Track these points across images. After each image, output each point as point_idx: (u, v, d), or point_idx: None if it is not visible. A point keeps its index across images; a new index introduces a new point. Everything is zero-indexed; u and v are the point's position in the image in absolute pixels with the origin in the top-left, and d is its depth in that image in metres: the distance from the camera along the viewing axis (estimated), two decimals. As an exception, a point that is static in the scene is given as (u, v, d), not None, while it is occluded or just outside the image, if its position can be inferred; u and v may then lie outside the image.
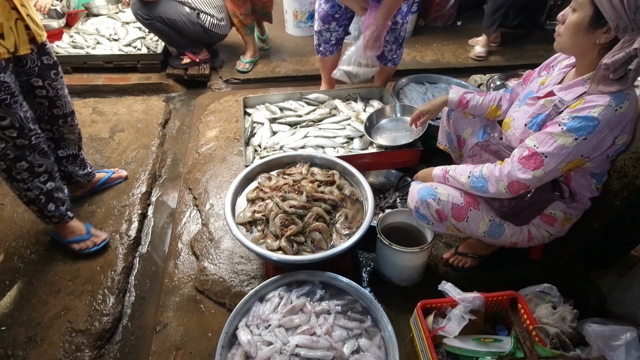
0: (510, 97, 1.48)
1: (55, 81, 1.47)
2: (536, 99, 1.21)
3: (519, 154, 1.13)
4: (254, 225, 1.42)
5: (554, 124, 1.07)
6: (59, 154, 1.67)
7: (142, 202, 1.93)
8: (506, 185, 1.15)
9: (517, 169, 1.12)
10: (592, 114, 1.01)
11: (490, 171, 1.20)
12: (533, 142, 1.10)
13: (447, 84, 2.45)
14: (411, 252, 1.39)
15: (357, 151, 1.88)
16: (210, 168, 2.11)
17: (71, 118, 1.62)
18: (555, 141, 1.06)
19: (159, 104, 2.61)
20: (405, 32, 2.09)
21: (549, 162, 1.08)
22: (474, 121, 1.59)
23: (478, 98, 1.51)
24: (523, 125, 1.20)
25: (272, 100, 2.20)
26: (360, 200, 1.53)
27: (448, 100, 1.54)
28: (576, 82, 1.10)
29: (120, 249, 1.70)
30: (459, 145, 1.69)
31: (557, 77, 1.21)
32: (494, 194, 1.20)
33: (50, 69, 1.44)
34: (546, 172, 1.09)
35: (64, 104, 1.55)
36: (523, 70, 3.26)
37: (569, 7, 1.05)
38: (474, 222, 1.30)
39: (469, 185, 1.25)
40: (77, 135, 1.68)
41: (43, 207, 1.49)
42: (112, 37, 2.92)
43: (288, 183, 1.52)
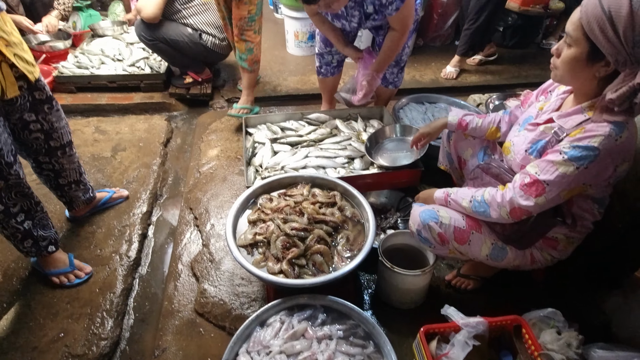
0: (509, 119, 1.49)
1: (49, 114, 1.44)
2: (536, 125, 1.22)
3: (520, 181, 1.14)
4: (255, 248, 1.42)
5: (554, 152, 1.08)
6: (60, 182, 1.65)
7: (143, 222, 1.93)
8: (508, 212, 1.16)
9: (518, 196, 1.13)
10: (593, 143, 1.01)
11: (492, 196, 1.20)
12: (534, 169, 1.11)
13: (447, 103, 2.49)
14: (413, 275, 1.38)
15: (358, 171, 1.88)
16: (212, 187, 2.11)
17: (69, 148, 1.59)
18: (556, 169, 1.06)
19: (161, 122, 2.63)
20: (406, 57, 2.14)
21: (551, 190, 1.08)
22: (474, 142, 1.60)
23: (477, 120, 1.53)
24: (523, 151, 1.21)
25: (273, 120, 2.22)
26: (361, 222, 1.53)
27: (448, 122, 1.55)
28: (575, 110, 1.11)
29: (120, 270, 1.68)
30: (460, 166, 1.69)
31: (555, 103, 1.22)
32: (496, 219, 1.21)
33: (44, 103, 1.41)
34: (548, 200, 1.10)
35: (61, 135, 1.53)
36: (521, 89, 3.32)
37: (562, 41, 1.05)
38: (476, 245, 1.30)
39: (470, 210, 1.25)
40: (76, 163, 1.66)
41: (18, 243, 1.46)
42: (117, 58, 2.97)
43: (289, 204, 1.52)
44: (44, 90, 1.41)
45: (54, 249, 1.55)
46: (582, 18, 0.96)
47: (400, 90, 2.95)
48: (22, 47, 1.31)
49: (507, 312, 1.51)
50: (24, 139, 1.45)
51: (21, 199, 1.39)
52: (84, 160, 2.26)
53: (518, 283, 1.61)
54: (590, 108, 1.08)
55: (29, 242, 1.48)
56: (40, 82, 1.39)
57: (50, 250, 1.54)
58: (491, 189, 1.23)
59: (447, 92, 3.16)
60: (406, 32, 1.85)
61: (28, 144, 1.48)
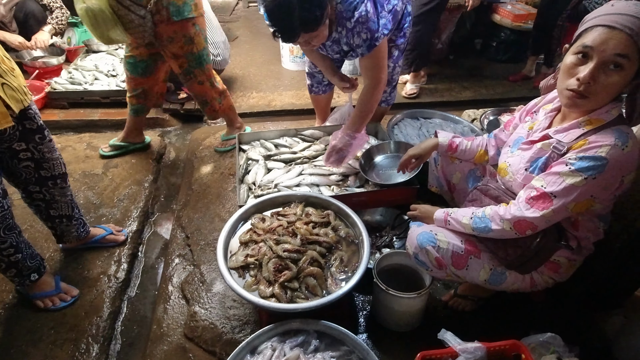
0: (496, 143, 1.49)
1: (40, 145, 1.40)
2: (530, 143, 1.21)
3: (526, 195, 1.12)
4: (247, 270, 1.38)
5: (560, 164, 1.07)
6: (51, 213, 1.58)
7: (133, 242, 1.88)
8: (512, 224, 1.13)
9: (524, 209, 1.11)
10: (600, 153, 1.00)
11: (494, 211, 1.18)
12: (540, 182, 1.09)
13: (442, 118, 2.48)
14: (409, 297, 1.34)
15: (352, 189, 1.86)
16: (204, 205, 2.07)
17: (61, 180, 1.53)
18: (563, 181, 1.05)
19: (154, 138, 2.60)
20: (397, 76, 2.13)
21: (558, 202, 1.06)
22: (462, 166, 1.59)
23: (466, 143, 1.52)
24: (523, 170, 1.19)
25: (267, 137, 2.20)
26: (355, 242, 1.50)
27: (439, 144, 1.54)
28: (572, 124, 1.10)
29: (108, 292, 1.63)
30: (450, 190, 1.68)
31: (545, 121, 1.21)
32: (497, 232, 1.18)
33: (34, 133, 1.37)
34: (555, 212, 1.07)
35: (52, 166, 1.47)
36: (515, 104, 3.34)
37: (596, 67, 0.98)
38: (474, 270, 1.27)
39: (470, 227, 1.23)
40: (69, 197, 1.60)
41: (3, 272, 1.42)
42: (110, 73, 2.96)
43: (282, 225, 1.49)
44: (34, 119, 1.36)
45: (36, 276, 1.49)
46: (634, 38, 0.94)
47: (396, 104, 2.96)
48: (12, 74, 1.27)
49: (505, 334, 1.47)
50: (12, 167, 1.40)
51: (9, 235, 1.34)
52: (74, 177, 2.22)
53: (516, 303, 1.58)
54: (587, 122, 1.08)
55: (12, 271, 1.43)
56: (30, 111, 1.34)
57: (32, 279, 1.48)
58: (493, 206, 1.22)
59: (441, 107, 3.17)
60: (377, 85, 1.74)
61: (17, 173, 1.42)
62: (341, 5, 1.53)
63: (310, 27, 1.49)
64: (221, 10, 4.94)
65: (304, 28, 1.48)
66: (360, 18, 1.53)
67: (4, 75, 1.23)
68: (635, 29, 0.94)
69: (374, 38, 1.59)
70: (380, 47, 1.64)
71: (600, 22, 0.99)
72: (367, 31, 1.57)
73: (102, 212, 2.02)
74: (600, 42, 0.98)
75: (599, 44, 0.98)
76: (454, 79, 3.48)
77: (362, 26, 1.55)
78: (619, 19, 0.96)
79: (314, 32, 1.52)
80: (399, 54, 2.03)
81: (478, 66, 3.86)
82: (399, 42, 1.97)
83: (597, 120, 1.06)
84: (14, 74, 1.29)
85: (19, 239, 1.40)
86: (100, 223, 1.92)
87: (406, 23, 1.92)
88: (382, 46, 1.66)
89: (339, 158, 1.86)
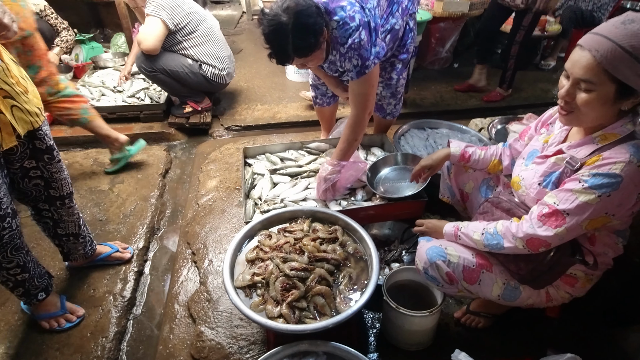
0: (510, 153, 1.46)
1: (49, 164, 1.40)
2: (544, 157, 1.18)
3: (538, 212, 1.08)
4: (254, 289, 1.35)
5: (573, 181, 1.03)
6: (58, 231, 1.58)
7: (139, 259, 1.87)
8: (524, 242, 1.10)
9: (537, 226, 1.07)
10: (614, 170, 0.97)
11: (506, 227, 1.15)
12: (553, 199, 1.06)
13: (449, 128, 2.45)
14: (420, 316, 1.30)
15: (360, 203, 1.83)
16: (210, 220, 2.06)
17: (69, 200, 1.53)
18: (576, 198, 1.01)
19: (160, 153, 2.61)
20: (402, 88, 2.11)
21: (572, 220, 1.03)
22: (475, 175, 1.56)
23: (479, 152, 1.49)
24: (536, 185, 1.16)
25: (272, 150, 2.19)
26: (364, 258, 1.46)
27: (450, 154, 1.51)
28: (586, 140, 1.07)
29: (114, 311, 1.61)
30: (462, 199, 1.64)
31: (561, 135, 1.18)
32: (510, 249, 1.14)
33: (44, 153, 1.37)
34: (569, 230, 1.04)
35: (60, 186, 1.48)
36: (523, 112, 3.30)
37: (571, 86, 0.99)
38: (486, 285, 1.23)
39: (482, 243, 1.19)
40: (75, 216, 1.60)
41: (11, 290, 1.41)
42: (117, 89, 2.98)
43: (289, 242, 1.46)
44: (44, 140, 1.36)
45: (44, 295, 1.48)
46: (602, 63, 0.92)
47: (401, 115, 2.94)
48: (25, 96, 1.26)
49: (521, 353, 1.42)
50: (24, 187, 1.40)
51: (16, 255, 1.33)
52: (81, 194, 2.22)
53: (531, 319, 1.53)
54: (602, 137, 1.04)
55: (20, 290, 1.42)
56: (40, 131, 1.34)
57: (40, 298, 1.47)
58: (504, 221, 1.18)
59: (447, 116, 3.15)
60: (363, 112, 1.70)
61: (28, 192, 1.43)
62: (337, 31, 1.54)
63: (303, 53, 1.49)
64: (226, 24, 4.99)
65: (297, 54, 1.48)
66: (353, 45, 1.53)
67: (16, 97, 1.23)
68: (602, 51, 0.91)
69: (364, 65, 1.59)
70: (369, 75, 1.63)
71: (580, 41, 0.98)
72: (359, 58, 1.57)
73: (109, 228, 2.02)
74: (571, 65, 0.99)
75: (569, 67, 0.99)
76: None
77: (354, 52, 1.56)
78: (592, 39, 0.95)
79: (308, 58, 1.53)
80: (402, 67, 2.01)
81: (483, 74, 3.83)
82: (402, 57, 1.96)
83: (611, 135, 1.03)
84: (28, 96, 1.28)
85: (27, 258, 1.39)
86: (106, 240, 1.91)
87: (409, 39, 1.90)
88: (372, 75, 1.64)
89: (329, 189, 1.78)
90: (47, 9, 3.03)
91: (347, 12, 1.51)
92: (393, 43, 1.85)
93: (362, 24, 1.52)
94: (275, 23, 1.41)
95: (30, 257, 1.42)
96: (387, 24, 1.75)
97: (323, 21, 1.48)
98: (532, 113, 2.55)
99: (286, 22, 1.40)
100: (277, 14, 1.41)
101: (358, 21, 1.51)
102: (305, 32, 1.44)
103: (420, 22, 3.22)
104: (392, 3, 1.76)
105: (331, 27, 1.54)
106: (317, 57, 1.57)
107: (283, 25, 1.40)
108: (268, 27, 1.44)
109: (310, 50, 1.49)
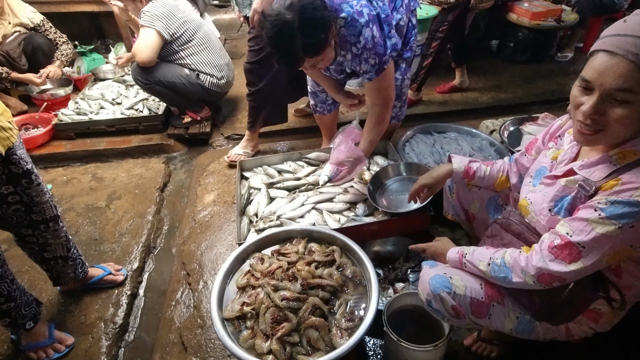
0: (517, 168, 1.31)
1: (28, 189, 1.34)
2: (553, 178, 1.04)
3: (549, 242, 0.95)
4: (244, 321, 1.26)
5: (588, 209, 0.89)
6: (45, 255, 1.52)
7: (133, 281, 1.80)
8: (535, 278, 0.96)
9: (548, 259, 0.94)
10: (637, 197, 0.82)
11: (514, 259, 1.01)
12: (565, 229, 0.92)
13: (457, 132, 2.31)
14: (424, 350, 1.19)
15: (361, 218, 1.72)
16: (207, 238, 1.98)
17: (54, 223, 1.47)
18: (592, 229, 0.87)
19: (158, 166, 2.55)
20: (407, 89, 2.00)
21: (589, 254, 0.89)
22: (480, 194, 1.42)
23: (485, 168, 1.35)
24: (547, 211, 1.02)
25: (270, 162, 2.10)
26: (363, 283, 1.35)
27: (453, 170, 1.37)
28: (601, 159, 0.93)
29: (104, 339, 1.55)
30: (468, 219, 1.51)
31: (571, 151, 1.04)
32: (519, 285, 1.01)
33: (20, 177, 1.31)
34: (586, 266, 0.90)
35: (42, 210, 1.41)
36: (538, 109, 3.11)
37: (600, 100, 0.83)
38: (497, 319, 1.10)
39: (489, 274, 1.06)
40: (63, 238, 1.53)
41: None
42: (116, 101, 2.94)
43: (282, 266, 1.36)
44: (19, 164, 1.30)
45: (32, 324, 1.42)
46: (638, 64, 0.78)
47: (409, 116, 2.79)
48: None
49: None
50: (3, 214, 1.35)
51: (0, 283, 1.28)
52: (77, 211, 2.18)
53: (549, 347, 1.38)
54: (620, 156, 0.90)
55: (5, 320, 1.37)
56: (15, 155, 1.28)
57: (27, 327, 1.41)
58: (513, 250, 1.04)
59: (456, 115, 3.00)
60: (389, 104, 1.68)
61: (8, 218, 1.37)
62: (345, 29, 1.42)
63: (314, 52, 1.37)
64: (228, 28, 4.92)
65: (307, 53, 1.36)
66: (367, 44, 1.42)
67: None
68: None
69: (382, 62, 1.49)
70: (388, 69, 1.54)
71: (602, 46, 0.83)
72: (375, 56, 1.47)
73: (103, 248, 1.96)
74: (598, 75, 0.82)
75: (596, 77, 0.83)
76: (469, 85, 3.29)
77: (370, 52, 1.45)
78: (621, 42, 0.79)
79: (319, 56, 1.40)
80: (407, 66, 1.89)
81: (495, 69, 3.65)
82: (406, 55, 1.84)
83: (631, 153, 0.88)
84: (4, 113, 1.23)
85: (12, 287, 1.34)
86: (100, 260, 1.86)
87: (412, 36, 1.79)
88: (390, 68, 1.56)
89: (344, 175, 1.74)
90: (45, 23, 3.01)
91: (354, 7, 1.39)
92: None
93: (371, 18, 1.40)
94: (280, 23, 1.29)
95: (16, 284, 1.37)
96: (392, 20, 1.63)
97: (330, 15, 1.36)
98: (548, 112, 2.37)
99: (291, 19, 1.28)
100: (280, 12, 1.29)
101: (367, 16, 1.39)
102: (314, 27, 1.31)
103: (426, 18, 3.06)
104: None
105: (338, 26, 1.42)
106: (328, 56, 1.45)
107: (288, 23, 1.28)
108: (272, 29, 1.31)
109: (321, 47, 1.36)
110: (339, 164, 1.72)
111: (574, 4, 3.76)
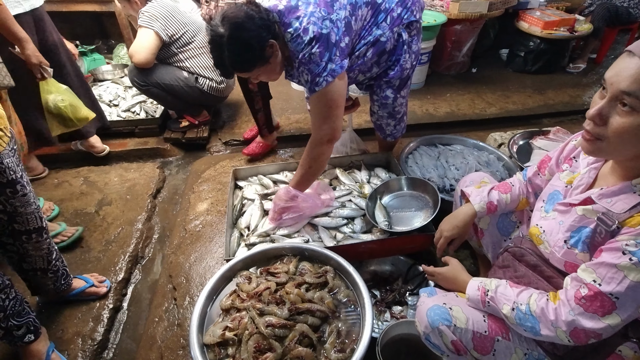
0: (532, 188, 1.21)
1: (12, 199, 1.28)
2: (569, 205, 0.93)
3: (575, 292, 0.84)
4: (224, 348, 1.16)
5: (614, 252, 0.78)
6: (24, 266, 1.45)
7: (117, 293, 1.71)
8: (568, 335, 0.85)
9: (579, 314, 0.82)
10: None
11: (541, 310, 0.89)
12: (591, 276, 0.81)
13: (463, 144, 2.20)
14: (421, 388, 1.08)
15: (358, 236, 1.62)
16: (196, 249, 1.89)
17: (37, 235, 1.40)
18: (625, 277, 0.76)
19: (152, 171, 2.47)
20: (402, 107, 1.87)
21: (624, 305, 0.78)
22: None
23: (505, 197, 1.24)
24: (562, 242, 0.91)
25: (265, 171, 2.01)
26: (357, 309, 1.25)
27: (477, 212, 1.25)
28: (622, 187, 0.82)
29: (80, 357, 1.46)
30: (477, 235, 1.40)
31: (588, 175, 0.93)
32: (550, 339, 0.90)
33: (5, 187, 1.25)
34: (623, 319, 0.79)
35: (26, 221, 1.35)
36: (549, 122, 2.99)
37: (608, 102, 0.76)
38: (503, 356, 0.99)
39: (514, 321, 0.94)
40: (44, 250, 1.46)
41: None
42: (112, 103, 2.88)
43: (270, 288, 1.26)
44: (4, 173, 1.23)
45: (32, 338, 1.34)
46: None
47: (413, 126, 2.70)
48: None
49: None
50: None
51: None
52: (66, 217, 2.10)
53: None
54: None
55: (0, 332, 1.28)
56: (2, 164, 1.21)
57: (27, 340, 1.33)
58: (538, 295, 0.92)
59: (464, 126, 2.89)
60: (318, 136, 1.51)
61: None
62: (291, 44, 1.39)
63: (242, 68, 1.39)
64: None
65: (234, 68, 1.39)
66: (303, 59, 1.38)
67: None
68: None
69: (314, 82, 1.41)
70: (325, 94, 1.42)
71: (629, 47, 0.75)
72: (308, 73, 1.40)
73: (89, 257, 1.87)
74: (613, 74, 0.75)
75: (610, 76, 0.75)
76: (477, 95, 3.19)
77: (304, 67, 1.40)
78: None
79: (249, 73, 1.41)
80: (401, 83, 1.75)
81: (504, 79, 3.54)
82: (391, 75, 1.70)
83: None
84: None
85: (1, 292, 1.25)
86: (84, 270, 1.77)
87: (402, 53, 1.64)
88: (329, 93, 1.43)
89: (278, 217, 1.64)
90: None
91: (301, 24, 1.34)
92: (378, 57, 1.62)
93: (317, 36, 1.34)
94: (213, 34, 1.31)
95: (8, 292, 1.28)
96: (369, 36, 1.54)
97: (268, 34, 1.32)
98: (559, 125, 2.26)
99: (222, 34, 1.29)
100: (216, 24, 1.31)
101: (312, 33, 1.33)
102: (240, 46, 1.31)
103: (434, 25, 2.97)
104: (378, 12, 1.54)
105: (286, 40, 1.38)
106: (267, 72, 1.43)
107: (219, 37, 1.30)
108: (209, 37, 1.34)
109: (249, 65, 1.37)
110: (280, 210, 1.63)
111: (587, 13, 3.65)
